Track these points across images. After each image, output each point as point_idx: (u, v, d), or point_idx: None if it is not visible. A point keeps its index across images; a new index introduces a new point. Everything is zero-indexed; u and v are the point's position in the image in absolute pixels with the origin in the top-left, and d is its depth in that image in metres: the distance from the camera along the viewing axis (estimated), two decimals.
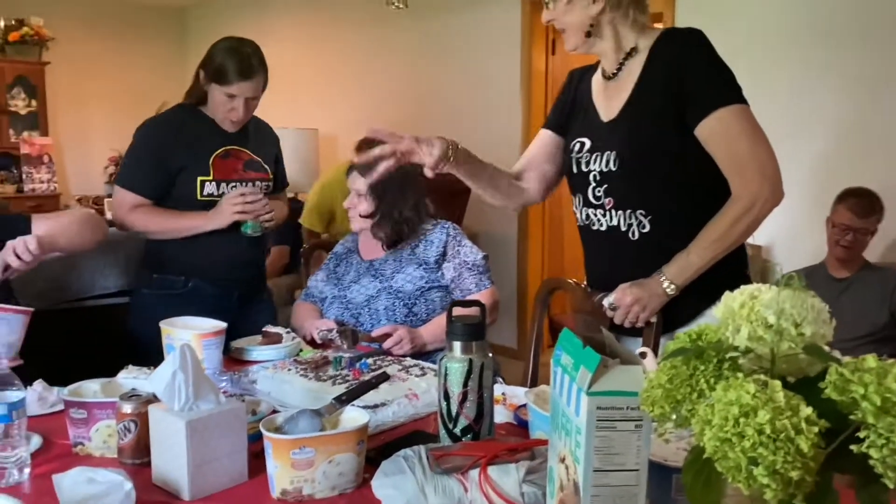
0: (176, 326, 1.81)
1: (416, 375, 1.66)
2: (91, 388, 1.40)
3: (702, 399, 0.75)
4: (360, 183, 2.14)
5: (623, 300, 1.62)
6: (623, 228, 1.64)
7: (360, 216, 2.17)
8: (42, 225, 1.88)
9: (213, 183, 2.20)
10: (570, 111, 1.81)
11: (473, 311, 1.31)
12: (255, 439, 1.25)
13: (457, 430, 1.27)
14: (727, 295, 0.85)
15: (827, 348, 0.82)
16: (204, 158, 2.18)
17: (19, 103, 6.24)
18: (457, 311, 1.30)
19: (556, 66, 4.82)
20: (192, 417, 1.17)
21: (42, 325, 1.68)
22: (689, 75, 1.54)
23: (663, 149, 1.58)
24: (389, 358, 1.80)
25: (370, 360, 1.74)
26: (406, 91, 5.32)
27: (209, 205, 2.19)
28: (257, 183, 2.27)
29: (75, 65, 6.48)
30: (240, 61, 2.12)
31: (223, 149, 2.22)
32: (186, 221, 2.18)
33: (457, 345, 1.27)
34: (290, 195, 4.92)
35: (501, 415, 1.51)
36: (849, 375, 0.67)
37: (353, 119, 5.73)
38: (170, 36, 7.11)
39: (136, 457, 1.27)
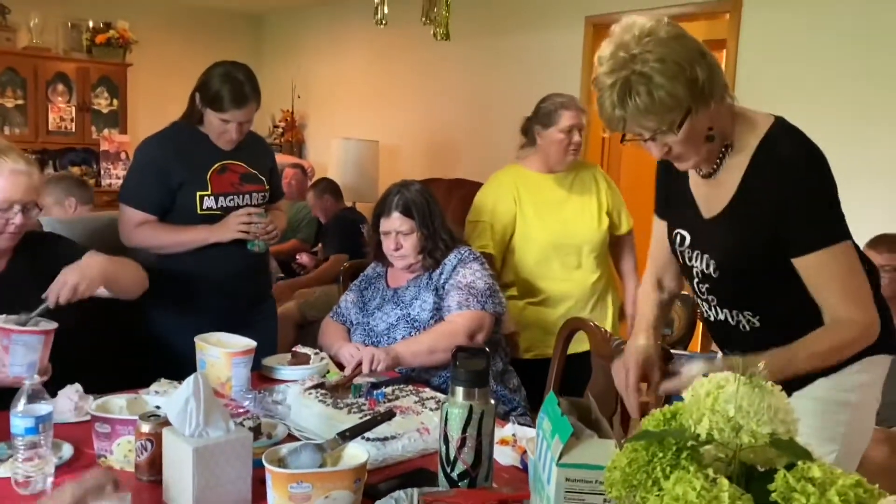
0: (209, 342, 1.89)
1: (431, 409, 1.69)
2: (117, 404, 1.49)
3: (656, 487, 0.76)
4: (398, 223, 2.14)
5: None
6: (732, 323, 1.56)
7: (415, 253, 2.16)
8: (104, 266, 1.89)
9: (212, 197, 2.29)
10: (670, 196, 1.68)
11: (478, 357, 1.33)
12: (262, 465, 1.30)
13: (454, 475, 1.30)
14: (697, 381, 0.85)
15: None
16: (202, 174, 2.28)
17: (102, 102, 6.54)
18: (462, 356, 1.33)
19: None
20: (199, 444, 1.23)
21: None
22: (793, 208, 1.42)
23: (763, 258, 1.48)
24: (409, 388, 1.83)
25: (388, 390, 1.78)
26: (467, 106, 5.37)
27: (209, 218, 2.29)
28: (254, 195, 2.37)
29: (155, 67, 6.74)
30: (233, 89, 2.21)
31: (219, 164, 2.31)
32: (190, 234, 2.29)
33: (459, 390, 1.29)
34: (348, 204, 5.09)
35: (509, 457, 1.52)
36: (793, 483, 0.67)
37: (413, 132, 5.81)
38: (246, 42, 7.33)
39: (151, 474, 1.35)
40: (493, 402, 1.32)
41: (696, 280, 1.60)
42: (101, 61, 6.42)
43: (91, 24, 6.37)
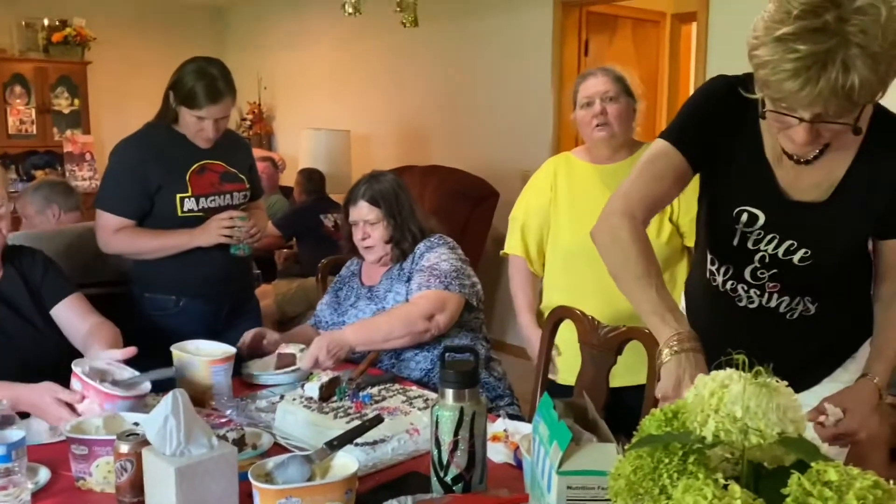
0: (186, 351, 1.83)
1: (420, 409, 1.65)
2: (93, 423, 1.43)
3: (663, 496, 0.73)
4: (364, 212, 2.11)
5: (850, 426, 1.27)
6: (781, 310, 1.44)
7: (383, 243, 2.13)
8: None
9: (192, 199, 2.22)
10: (718, 147, 1.40)
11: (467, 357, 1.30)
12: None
13: (447, 479, 1.26)
14: (700, 378, 0.82)
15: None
16: (181, 175, 2.21)
17: (62, 102, 6.37)
18: (449, 357, 1.29)
19: (588, 67, 4.75)
20: (182, 464, 1.18)
21: None
22: None
23: (860, 245, 1.40)
24: (395, 387, 1.79)
25: (375, 391, 1.74)
26: (438, 92, 5.31)
27: (190, 220, 2.23)
28: (235, 194, 2.31)
29: (116, 64, 6.57)
30: (207, 85, 2.14)
31: (198, 164, 2.25)
32: (171, 239, 2.22)
33: (449, 392, 1.25)
34: (333, 197, 5.01)
35: (501, 454, 1.49)
36: (809, 487, 0.64)
37: (384, 120, 5.74)
38: (209, 35, 7.18)
39: (133, 495, 1.29)
40: (484, 400, 1.29)
41: (753, 266, 1.41)
42: (59, 60, 6.25)
43: (46, 22, 6.19)
